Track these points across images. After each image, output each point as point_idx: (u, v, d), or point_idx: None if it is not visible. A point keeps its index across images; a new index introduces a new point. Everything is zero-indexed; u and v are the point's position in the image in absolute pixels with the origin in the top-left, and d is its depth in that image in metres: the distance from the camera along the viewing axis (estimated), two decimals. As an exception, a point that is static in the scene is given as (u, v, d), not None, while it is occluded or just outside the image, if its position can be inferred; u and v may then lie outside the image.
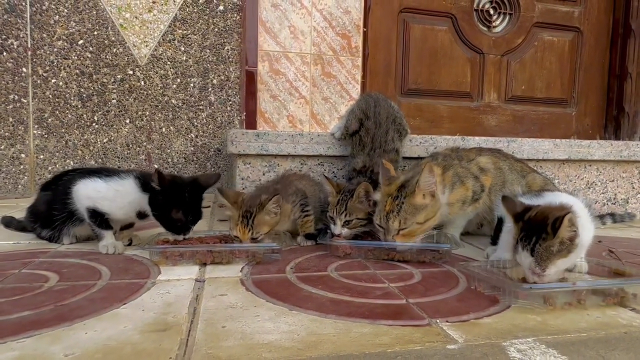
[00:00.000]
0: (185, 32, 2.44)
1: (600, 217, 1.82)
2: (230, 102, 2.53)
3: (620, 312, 0.91)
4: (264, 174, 1.72)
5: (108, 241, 1.27)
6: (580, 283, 0.96)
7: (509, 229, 1.23)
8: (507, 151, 1.83)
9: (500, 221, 1.30)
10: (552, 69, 3.11)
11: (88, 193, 1.26)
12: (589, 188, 2.05)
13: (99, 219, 1.26)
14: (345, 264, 1.22)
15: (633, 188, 2.11)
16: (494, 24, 2.99)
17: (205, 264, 1.17)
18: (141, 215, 1.28)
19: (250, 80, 2.50)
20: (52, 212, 1.32)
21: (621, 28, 3.14)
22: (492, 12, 2.96)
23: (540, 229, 0.95)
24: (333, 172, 1.79)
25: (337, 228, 1.37)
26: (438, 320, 0.83)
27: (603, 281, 0.99)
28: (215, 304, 0.89)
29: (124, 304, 0.89)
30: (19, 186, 2.31)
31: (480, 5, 2.94)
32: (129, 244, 1.37)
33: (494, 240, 1.33)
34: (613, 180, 2.08)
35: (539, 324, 0.83)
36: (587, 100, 3.22)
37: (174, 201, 1.22)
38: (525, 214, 1.00)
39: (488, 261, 1.17)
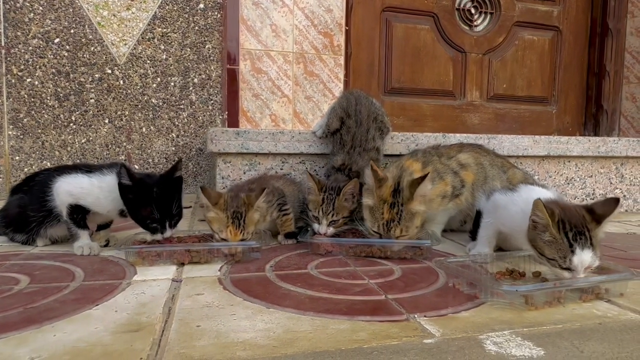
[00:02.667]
0: (165, 30, 2.41)
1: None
2: (212, 102, 2.50)
3: (595, 303, 0.92)
4: (244, 173, 1.71)
5: (83, 242, 1.24)
6: (559, 283, 0.93)
7: (487, 224, 1.25)
8: (488, 147, 1.84)
9: (479, 215, 1.31)
10: (532, 68, 3.15)
11: (70, 189, 1.23)
12: (568, 184, 2.08)
13: (79, 216, 1.22)
14: (326, 261, 1.21)
15: (611, 184, 2.14)
16: (475, 23, 3.02)
17: (183, 264, 1.15)
18: (123, 213, 1.23)
19: (232, 79, 2.48)
20: (27, 213, 1.28)
21: (599, 27, 3.20)
22: (473, 11, 2.99)
23: (582, 224, 0.94)
24: (315, 170, 1.78)
25: (323, 227, 1.36)
26: (416, 315, 0.83)
27: (584, 280, 0.95)
28: (190, 304, 0.88)
29: (97, 305, 0.86)
30: (-6, 188, 2.25)
31: (462, 5, 2.96)
32: (106, 245, 1.34)
33: (473, 235, 1.33)
34: (591, 176, 2.12)
35: (515, 316, 0.84)
36: (567, 99, 3.27)
37: (145, 198, 1.17)
38: (553, 216, 0.95)
39: (467, 256, 1.17)
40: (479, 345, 0.71)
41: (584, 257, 0.92)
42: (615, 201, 0.95)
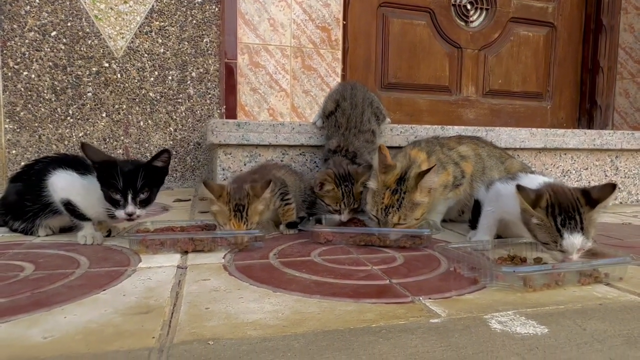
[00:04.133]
0: (162, 24, 2.40)
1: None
2: (210, 95, 2.50)
3: (595, 286, 0.93)
4: (245, 164, 1.71)
5: (87, 231, 1.24)
6: (558, 265, 0.95)
7: (489, 212, 1.26)
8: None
9: (478, 205, 1.33)
10: (527, 64, 3.18)
11: (62, 186, 1.24)
12: (564, 176, 2.10)
13: (77, 211, 1.23)
14: (329, 249, 1.22)
15: (606, 176, 2.17)
16: (471, 18, 3.04)
17: (186, 252, 1.16)
18: (110, 213, 1.21)
19: (229, 73, 2.48)
20: (24, 202, 1.29)
21: (593, 23, 3.24)
22: (469, 7, 3.01)
23: (574, 208, 0.95)
24: (315, 162, 1.79)
25: (345, 216, 1.42)
26: (421, 298, 0.84)
27: (581, 263, 0.97)
28: (198, 288, 0.89)
29: (104, 290, 0.87)
30: (-9, 182, 2.24)
31: (458, 1, 2.98)
32: (108, 235, 1.34)
33: (473, 224, 1.35)
34: (587, 168, 2.15)
35: (518, 298, 0.85)
36: (561, 94, 3.30)
37: (108, 170, 1.16)
38: (539, 200, 0.98)
39: (468, 243, 1.19)
40: (484, 324, 0.73)
41: (574, 241, 0.94)
42: (612, 187, 0.97)
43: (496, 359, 0.61)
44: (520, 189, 1.01)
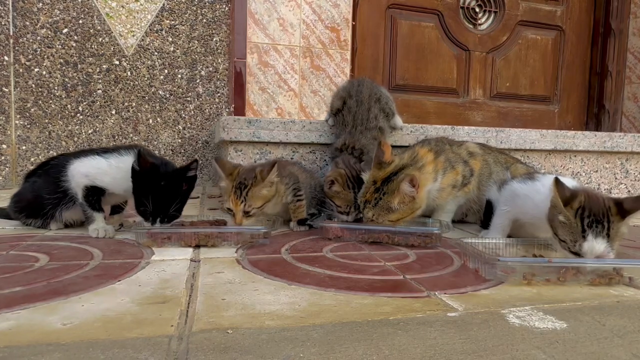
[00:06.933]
0: (173, 22, 2.42)
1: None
2: (219, 94, 2.51)
3: (611, 286, 0.93)
4: (255, 161, 1.71)
5: (99, 225, 1.25)
6: (555, 260, 0.94)
7: (503, 212, 1.26)
8: (496, 141, 1.87)
9: (490, 204, 1.32)
10: (535, 67, 3.18)
11: (87, 171, 1.24)
12: (574, 178, 2.09)
13: (94, 198, 1.23)
14: (340, 245, 1.22)
15: (616, 179, 2.16)
16: (479, 21, 3.04)
17: (198, 246, 1.15)
18: None
19: (238, 73, 2.48)
20: (42, 196, 1.28)
21: (601, 27, 3.23)
22: (477, 9, 3.01)
23: (604, 214, 0.94)
24: (325, 160, 1.79)
25: (352, 216, 1.43)
26: (437, 293, 0.84)
27: (578, 260, 0.95)
28: (212, 280, 0.89)
29: (119, 280, 0.87)
30: (0, 177, 2.25)
31: (466, 3, 2.98)
32: (119, 229, 1.34)
33: (485, 224, 1.35)
34: (597, 171, 2.14)
35: (534, 295, 0.85)
36: (569, 98, 3.29)
37: (147, 187, 1.17)
38: (572, 200, 0.97)
39: (481, 241, 1.18)
40: (502, 319, 0.72)
41: (595, 245, 0.92)
42: None
43: (517, 351, 0.61)
44: (557, 182, 0.99)
